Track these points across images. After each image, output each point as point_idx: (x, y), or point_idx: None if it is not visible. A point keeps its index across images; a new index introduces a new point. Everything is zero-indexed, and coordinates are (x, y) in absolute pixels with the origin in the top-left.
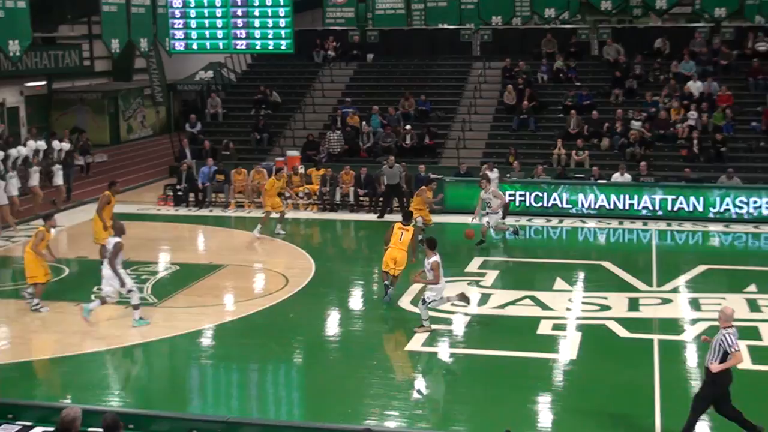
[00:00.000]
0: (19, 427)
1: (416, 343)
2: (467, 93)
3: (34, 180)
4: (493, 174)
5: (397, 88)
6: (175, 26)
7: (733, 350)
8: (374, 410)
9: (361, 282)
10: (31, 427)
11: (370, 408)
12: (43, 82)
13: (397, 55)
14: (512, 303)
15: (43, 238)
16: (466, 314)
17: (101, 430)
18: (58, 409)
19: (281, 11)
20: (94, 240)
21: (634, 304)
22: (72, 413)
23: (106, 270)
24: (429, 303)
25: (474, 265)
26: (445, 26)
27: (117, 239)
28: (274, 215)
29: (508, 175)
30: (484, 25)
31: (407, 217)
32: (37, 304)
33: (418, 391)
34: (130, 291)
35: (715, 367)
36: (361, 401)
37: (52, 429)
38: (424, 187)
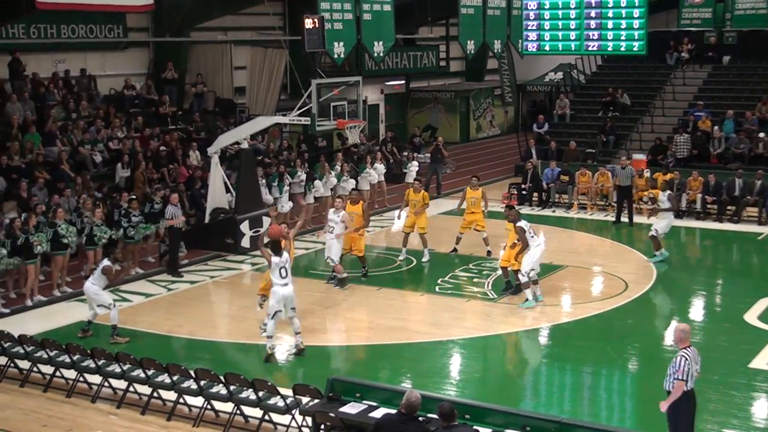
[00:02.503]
0: (365, 407)
1: (761, 360)
2: None
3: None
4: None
5: (754, 92)
6: (529, 28)
7: (677, 377)
8: (712, 427)
9: (703, 293)
10: (376, 408)
11: (707, 424)
12: (402, 81)
13: (755, 58)
14: None
15: None
16: None
17: (437, 416)
18: (400, 393)
19: (635, 12)
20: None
21: None
22: (416, 398)
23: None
24: None
25: None
26: None
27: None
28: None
29: None
30: None
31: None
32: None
33: None
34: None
35: (663, 406)
36: (699, 416)
37: (394, 411)
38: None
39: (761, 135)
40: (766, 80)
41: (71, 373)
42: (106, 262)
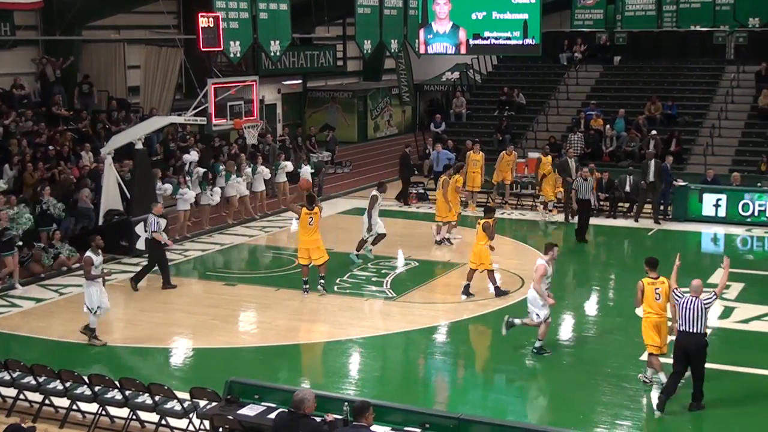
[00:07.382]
0: (264, 408)
1: None
2: (718, 98)
3: (282, 177)
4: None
5: (643, 92)
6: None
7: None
8: (605, 419)
9: (598, 287)
10: (275, 409)
11: (601, 416)
12: (299, 81)
13: (645, 58)
14: (758, 318)
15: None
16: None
17: (341, 417)
18: None
19: None
20: None
21: None
22: (300, 395)
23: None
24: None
25: (718, 276)
26: (698, 28)
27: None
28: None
29: (759, 183)
30: (740, 27)
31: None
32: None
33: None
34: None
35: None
36: (593, 408)
37: None
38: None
39: (653, 133)
40: (655, 79)
41: None
42: (87, 253)
